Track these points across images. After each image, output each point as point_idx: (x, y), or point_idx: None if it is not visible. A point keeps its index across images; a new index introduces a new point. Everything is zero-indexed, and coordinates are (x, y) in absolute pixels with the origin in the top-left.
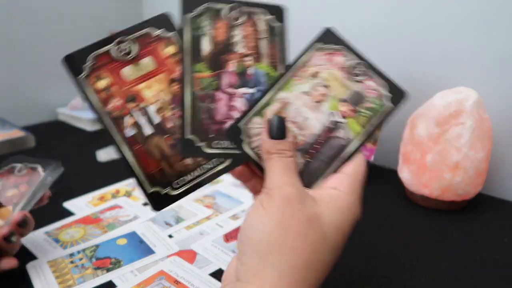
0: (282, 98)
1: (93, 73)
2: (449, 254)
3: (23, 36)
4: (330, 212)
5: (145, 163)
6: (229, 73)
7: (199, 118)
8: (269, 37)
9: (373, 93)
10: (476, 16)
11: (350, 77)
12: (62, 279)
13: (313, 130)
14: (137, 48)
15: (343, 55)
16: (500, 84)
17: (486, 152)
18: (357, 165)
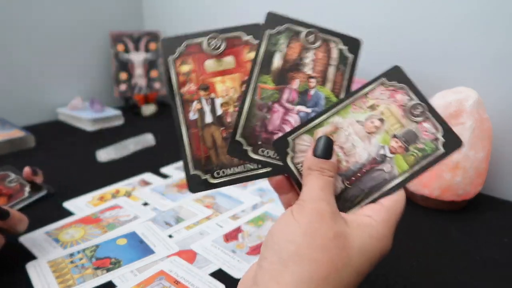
0: (335, 122)
1: (181, 57)
2: (449, 254)
3: (23, 36)
4: (359, 236)
5: (196, 147)
6: (291, 89)
7: (252, 124)
8: (338, 65)
9: (428, 136)
10: (476, 16)
11: (407, 115)
12: (62, 279)
13: (358, 159)
14: (225, 46)
15: (405, 94)
16: (500, 84)
17: (486, 152)
18: (396, 200)
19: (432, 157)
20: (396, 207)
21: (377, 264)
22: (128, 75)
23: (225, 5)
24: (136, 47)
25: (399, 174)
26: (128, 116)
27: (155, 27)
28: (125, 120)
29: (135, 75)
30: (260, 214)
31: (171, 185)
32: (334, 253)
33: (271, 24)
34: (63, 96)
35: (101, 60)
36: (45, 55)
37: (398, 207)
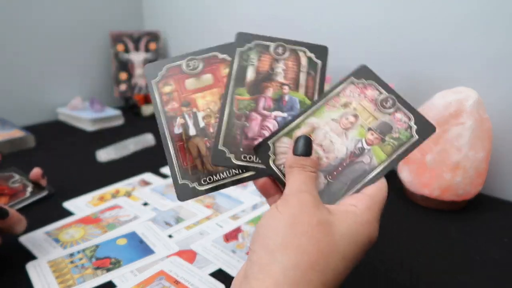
0: (312, 123)
1: (163, 80)
2: (449, 254)
3: (23, 36)
4: (343, 222)
5: (183, 157)
6: (266, 97)
7: (233, 133)
8: (308, 71)
9: (401, 125)
10: (476, 16)
11: (379, 108)
12: (62, 279)
13: (338, 154)
14: (202, 66)
15: (374, 89)
16: (500, 84)
17: (486, 152)
18: (378, 188)
19: (408, 144)
20: (378, 195)
21: (366, 251)
22: (128, 75)
23: (225, 5)
24: (136, 47)
25: (378, 164)
26: (128, 116)
27: (155, 27)
28: (125, 120)
29: (135, 75)
30: (260, 214)
31: (171, 185)
32: (319, 239)
33: (242, 43)
34: (63, 96)
35: (101, 60)
36: (45, 55)
37: (381, 194)
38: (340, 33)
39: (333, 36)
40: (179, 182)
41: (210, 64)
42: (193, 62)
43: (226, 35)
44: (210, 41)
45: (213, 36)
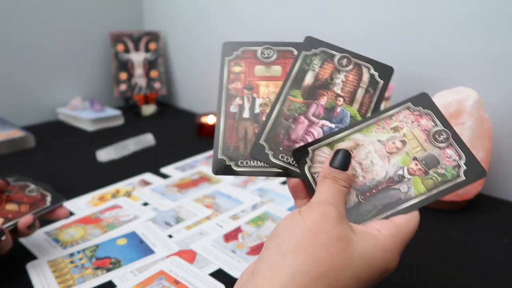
0: (356, 139)
1: (236, 59)
2: (449, 254)
3: (23, 36)
4: (363, 244)
5: (229, 136)
6: (318, 104)
7: (277, 131)
8: (368, 88)
9: (450, 162)
10: (476, 16)
11: (430, 140)
12: (62, 279)
13: (375, 176)
14: (276, 57)
15: (430, 119)
16: (500, 84)
17: (486, 152)
18: (408, 220)
19: (451, 183)
20: (406, 226)
21: (381, 278)
22: (128, 75)
23: (225, 5)
24: (136, 47)
25: (415, 196)
26: (128, 116)
27: (155, 27)
28: (125, 120)
29: (135, 75)
30: (260, 214)
31: (171, 185)
32: (335, 253)
33: (308, 47)
34: (63, 96)
35: (101, 60)
36: (45, 55)
37: (409, 227)
38: (341, 34)
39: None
40: (218, 156)
41: (284, 58)
42: (268, 51)
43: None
44: (210, 41)
45: (213, 36)
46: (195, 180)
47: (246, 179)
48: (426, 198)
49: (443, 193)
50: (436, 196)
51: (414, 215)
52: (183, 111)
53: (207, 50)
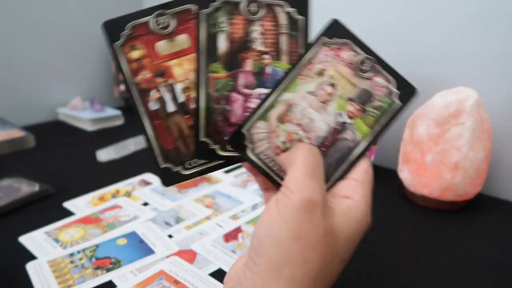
0: (286, 100)
1: (129, 42)
2: (449, 254)
3: (23, 36)
4: (345, 224)
5: (163, 138)
6: (245, 72)
7: (213, 120)
8: (290, 32)
9: (382, 91)
10: (476, 16)
11: (357, 73)
12: (62, 279)
13: (319, 133)
14: (175, 24)
15: (350, 49)
16: (500, 84)
17: (486, 152)
18: (366, 171)
19: (390, 113)
20: (368, 178)
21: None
22: None
23: None
24: None
25: (362, 139)
26: (128, 116)
27: None
28: (125, 120)
29: None
30: (260, 214)
31: None
32: (323, 251)
33: (205, 2)
34: (63, 96)
35: (101, 60)
36: (45, 55)
37: (370, 177)
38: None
39: None
40: (160, 166)
41: (185, 21)
42: (162, 19)
43: None
44: None
45: None
46: (195, 180)
47: (246, 179)
48: (373, 138)
49: (386, 126)
50: (381, 132)
51: (367, 162)
52: None
53: None
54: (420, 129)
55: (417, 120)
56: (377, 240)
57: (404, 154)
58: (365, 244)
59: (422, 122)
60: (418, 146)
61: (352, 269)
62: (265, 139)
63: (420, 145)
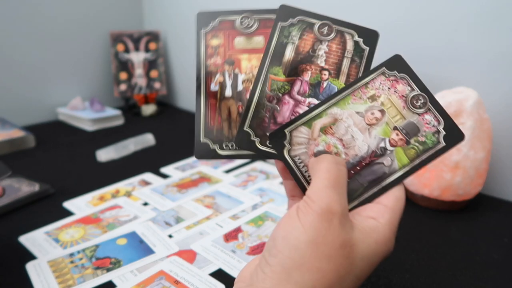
0: (334, 113)
1: (213, 31)
2: (449, 254)
3: (23, 36)
4: (365, 244)
5: (212, 116)
6: (302, 81)
7: (261, 115)
8: (353, 57)
9: (429, 128)
10: (476, 16)
11: (408, 106)
12: (62, 279)
13: (358, 152)
14: (257, 26)
15: (406, 84)
16: (500, 84)
17: (486, 152)
18: (398, 199)
19: (433, 151)
20: (398, 206)
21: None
22: (128, 75)
23: (225, 5)
24: (136, 47)
25: (399, 168)
26: (128, 116)
27: (155, 27)
28: (125, 120)
29: (135, 75)
30: (260, 214)
31: (171, 185)
32: (339, 263)
33: (284, 17)
34: (63, 96)
35: (101, 60)
36: (45, 55)
37: (400, 205)
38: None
39: None
40: (201, 140)
41: (265, 27)
42: (248, 20)
43: None
44: None
45: None
46: (195, 180)
47: (246, 179)
48: (410, 169)
49: (425, 161)
50: (419, 166)
51: (400, 190)
52: (183, 111)
53: None
54: None
55: None
56: None
57: None
58: None
59: None
60: None
61: None
62: (304, 144)
63: None
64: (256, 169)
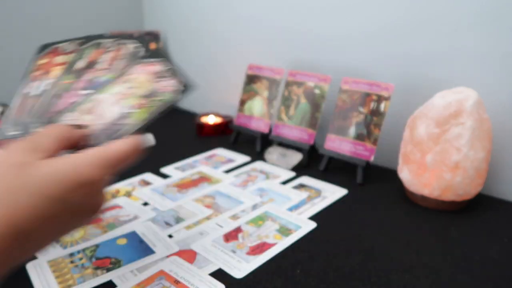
0: (95, 99)
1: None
2: (449, 254)
3: (23, 36)
4: (50, 163)
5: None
6: (83, 80)
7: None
8: (127, 58)
9: (168, 89)
10: (476, 16)
11: (154, 79)
12: (62, 279)
13: (107, 119)
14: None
15: (159, 64)
16: (500, 84)
17: (486, 152)
18: (119, 143)
19: (165, 104)
20: (113, 147)
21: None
22: None
23: (225, 5)
24: None
25: (134, 124)
26: None
27: (155, 27)
28: None
29: None
30: (260, 214)
31: (171, 185)
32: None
33: (86, 41)
34: None
35: None
36: None
37: (117, 147)
38: (343, 37)
39: (336, 40)
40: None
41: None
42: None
43: (226, 35)
44: (210, 41)
45: (213, 36)
46: (195, 180)
47: (246, 179)
48: (144, 123)
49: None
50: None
51: (125, 141)
52: (183, 111)
53: (207, 50)
54: (420, 129)
55: (417, 120)
56: (377, 240)
57: (404, 154)
58: (365, 244)
59: (422, 122)
60: (418, 146)
61: (351, 269)
62: None
63: (420, 145)
64: (256, 169)
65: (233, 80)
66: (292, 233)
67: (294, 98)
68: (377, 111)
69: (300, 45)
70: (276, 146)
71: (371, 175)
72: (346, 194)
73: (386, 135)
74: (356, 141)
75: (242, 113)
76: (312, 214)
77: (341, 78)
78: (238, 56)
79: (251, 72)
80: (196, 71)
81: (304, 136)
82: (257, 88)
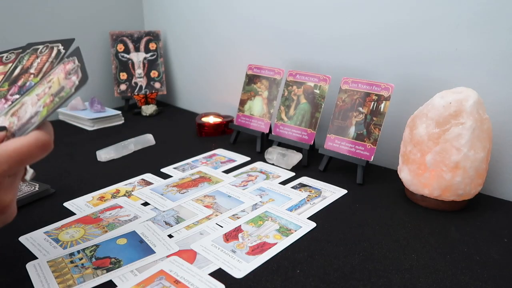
0: (23, 101)
1: None
2: (449, 254)
3: (23, 36)
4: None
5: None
6: (16, 86)
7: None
8: (53, 60)
9: (70, 85)
10: (477, 16)
11: (66, 77)
12: (62, 279)
13: (23, 119)
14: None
15: (72, 62)
16: (500, 84)
17: (486, 152)
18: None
19: (64, 98)
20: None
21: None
22: (128, 75)
23: (225, 5)
24: (136, 47)
25: (39, 122)
26: (128, 116)
27: (155, 27)
28: (125, 120)
29: (135, 75)
30: (260, 214)
31: (171, 185)
32: None
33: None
34: None
35: (101, 60)
36: None
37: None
38: (344, 37)
39: (336, 40)
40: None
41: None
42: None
43: (225, 35)
44: (210, 41)
45: (213, 36)
46: (195, 180)
47: (246, 179)
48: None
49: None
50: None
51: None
52: (183, 111)
53: (207, 50)
54: (420, 129)
55: (417, 120)
56: (377, 240)
57: (404, 154)
58: (365, 244)
59: (422, 122)
60: (418, 146)
61: (352, 268)
62: None
63: (420, 145)
64: (256, 169)
65: (233, 80)
66: (292, 233)
67: (294, 98)
68: (377, 111)
69: (300, 45)
70: (276, 146)
71: (371, 175)
72: (346, 194)
73: (386, 135)
74: (356, 141)
75: (242, 113)
76: (312, 214)
77: (341, 78)
78: (238, 56)
79: (251, 72)
80: (196, 71)
81: (304, 136)
82: (257, 88)
